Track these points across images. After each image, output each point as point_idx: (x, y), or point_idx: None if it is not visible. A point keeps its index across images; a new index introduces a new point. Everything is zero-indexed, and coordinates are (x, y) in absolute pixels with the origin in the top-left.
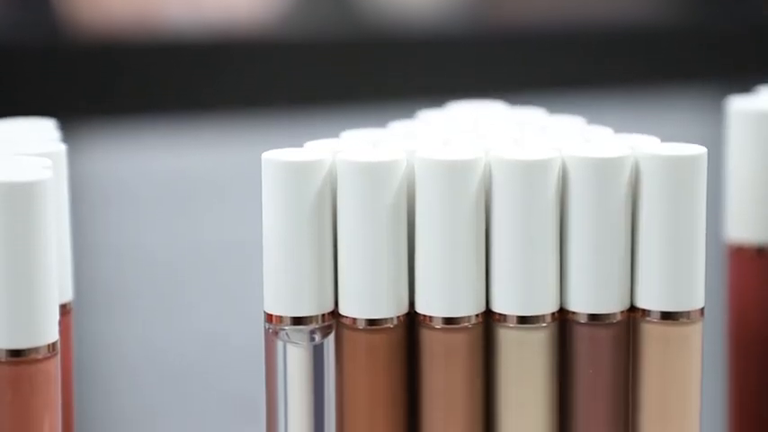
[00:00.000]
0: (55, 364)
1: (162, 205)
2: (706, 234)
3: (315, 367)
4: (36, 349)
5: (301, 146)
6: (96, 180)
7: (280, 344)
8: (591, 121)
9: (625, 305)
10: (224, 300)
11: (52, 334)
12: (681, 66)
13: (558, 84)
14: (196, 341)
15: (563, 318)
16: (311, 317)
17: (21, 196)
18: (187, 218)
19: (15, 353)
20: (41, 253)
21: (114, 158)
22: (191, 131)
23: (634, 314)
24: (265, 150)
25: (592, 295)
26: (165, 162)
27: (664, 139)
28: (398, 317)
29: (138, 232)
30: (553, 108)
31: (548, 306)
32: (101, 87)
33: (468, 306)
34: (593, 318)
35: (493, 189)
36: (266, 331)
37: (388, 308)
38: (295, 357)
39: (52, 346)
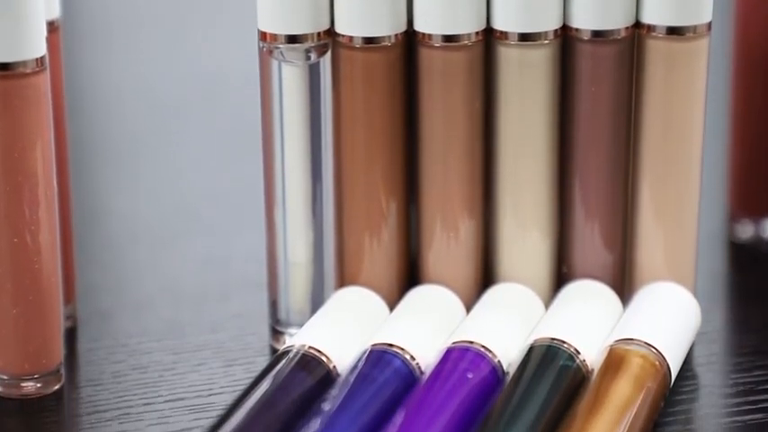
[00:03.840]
0: (44, 80)
1: None
2: None
3: (311, 86)
4: (24, 63)
5: None
6: None
7: (275, 63)
8: None
9: (630, 21)
10: (217, 28)
11: (40, 48)
12: None
13: None
14: (190, 70)
15: (566, 35)
16: (306, 35)
17: None
18: None
19: (3, 66)
20: None
21: None
22: None
23: (639, 30)
24: None
25: (595, 11)
26: None
27: None
28: (396, 35)
29: None
30: None
31: (550, 23)
32: None
33: (467, 23)
34: (597, 34)
35: None
36: (261, 50)
37: (386, 25)
38: (290, 76)
39: (40, 61)
